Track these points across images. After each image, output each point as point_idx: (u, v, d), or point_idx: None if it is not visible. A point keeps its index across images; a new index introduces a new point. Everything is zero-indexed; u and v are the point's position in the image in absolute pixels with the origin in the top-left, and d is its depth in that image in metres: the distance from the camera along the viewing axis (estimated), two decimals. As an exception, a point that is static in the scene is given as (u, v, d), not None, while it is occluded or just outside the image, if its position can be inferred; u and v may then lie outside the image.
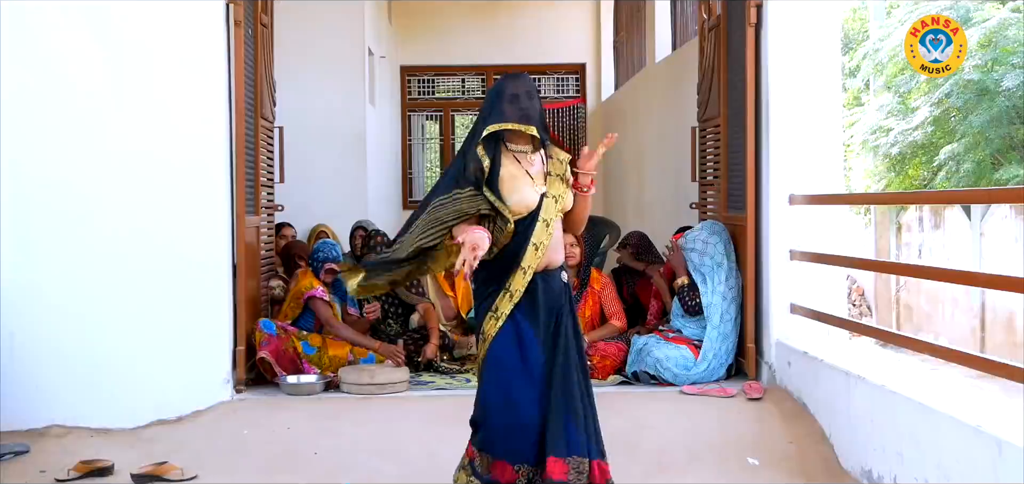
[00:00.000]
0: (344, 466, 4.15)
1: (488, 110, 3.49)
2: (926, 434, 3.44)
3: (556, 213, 3.49)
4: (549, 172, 3.52)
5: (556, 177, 3.53)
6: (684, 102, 7.35)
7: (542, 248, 3.45)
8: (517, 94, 3.45)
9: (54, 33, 4.84)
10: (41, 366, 4.79)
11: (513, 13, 11.96)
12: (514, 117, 3.42)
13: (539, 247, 3.44)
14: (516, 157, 3.48)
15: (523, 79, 3.55)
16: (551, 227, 3.47)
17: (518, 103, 3.44)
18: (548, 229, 3.45)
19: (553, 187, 3.51)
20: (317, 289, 5.57)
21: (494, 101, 3.48)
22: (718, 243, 5.38)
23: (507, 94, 3.46)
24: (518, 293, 3.43)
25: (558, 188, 3.51)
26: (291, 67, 7.53)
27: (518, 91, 3.46)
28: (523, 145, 3.50)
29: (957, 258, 11.27)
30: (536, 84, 3.61)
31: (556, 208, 3.49)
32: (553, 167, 3.55)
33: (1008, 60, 11.08)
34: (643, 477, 4.04)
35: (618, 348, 5.58)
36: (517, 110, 3.43)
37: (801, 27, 5.11)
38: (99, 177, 4.87)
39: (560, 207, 3.50)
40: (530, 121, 3.43)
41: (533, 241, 3.42)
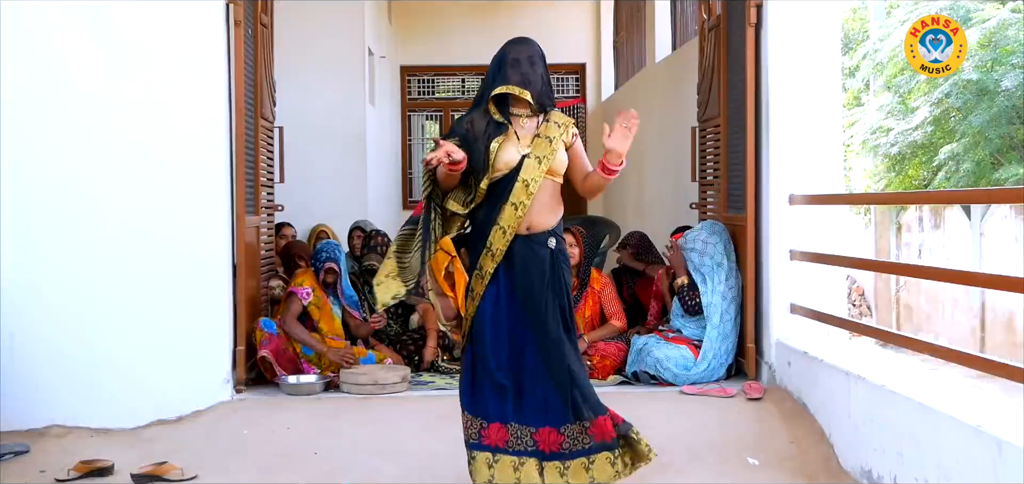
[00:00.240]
0: (344, 466, 4.14)
1: (492, 74, 3.56)
2: (926, 434, 3.44)
3: (538, 174, 3.48)
4: (539, 134, 3.54)
5: (544, 138, 3.53)
6: (684, 102, 7.35)
7: (521, 208, 3.48)
8: (519, 59, 3.53)
9: (54, 33, 4.84)
10: (41, 366, 4.79)
11: (513, 13, 11.95)
12: (514, 81, 3.50)
13: (518, 207, 3.48)
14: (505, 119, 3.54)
15: (527, 44, 3.59)
16: (531, 187, 3.48)
17: (519, 68, 3.51)
18: (527, 189, 3.47)
19: (537, 148, 3.51)
20: (303, 289, 5.54)
21: (498, 65, 3.55)
22: (718, 243, 5.38)
23: (509, 58, 3.53)
24: (499, 252, 3.50)
25: (543, 149, 3.51)
26: (291, 67, 7.54)
27: (520, 56, 3.53)
28: (521, 108, 3.56)
29: (957, 258, 11.27)
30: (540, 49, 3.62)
31: (539, 169, 3.49)
32: (546, 129, 3.56)
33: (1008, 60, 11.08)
34: (643, 477, 4.03)
35: (618, 348, 5.58)
36: (518, 74, 3.51)
37: (801, 27, 5.11)
38: (99, 177, 4.86)
39: (543, 168, 3.49)
40: (529, 86, 3.50)
41: (512, 200, 3.47)
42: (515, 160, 3.49)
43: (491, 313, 3.53)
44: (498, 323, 3.53)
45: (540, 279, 3.51)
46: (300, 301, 5.51)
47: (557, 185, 3.60)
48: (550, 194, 3.55)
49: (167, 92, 4.91)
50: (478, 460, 3.51)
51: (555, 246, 3.55)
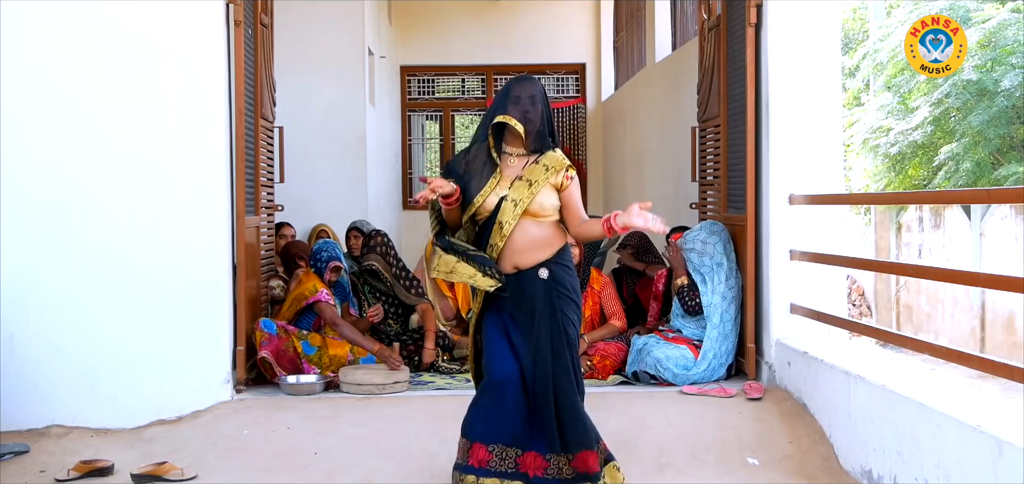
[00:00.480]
0: (344, 466, 4.15)
1: (494, 108, 3.64)
2: (926, 434, 3.44)
3: (512, 218, 3.53)
4: (521, 176, 3.58)
5: (525, 181, 3.57)
6: (684, 102, 7.35)
7: (496, 249, 3.56)
8: (520, 96, 3.60)
9: (54, 33, 4.84)
10: (41, 366, 4.79)
11: (513, 13, 11.96)
12: (513, 115, 3.57)
13: (493, 248, 3.56)
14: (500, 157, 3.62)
15: (530, 82, 3.66)
16: (505, 230, 3.54)
17: (520, 105, 3.58)
18: (501, 232, 3.54)
19: (516, 191, 3.56)
20: (321, 293, 5.56)
21: (500, 100, 3.63)
22: (717, 243, 5.38)
23: (512, 95, 3.61)
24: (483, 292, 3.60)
25: (520, 192, 3.55)
26: (291, 67, 7.54)
27: (522, 93, 3.60)
28: (515, 146, 3.63)
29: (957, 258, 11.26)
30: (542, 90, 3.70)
31: (514, 212, 3.54)
32: (530, 172, 3.59)
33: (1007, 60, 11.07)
34: (643, 477, 4.04)
35: (618, 348, 5.58)
36: (519, 111, 3.58)
37: (801, 27, 5.11)
38: (99, 177, 4.86)
39: (518, 212, 3.54)
40: (527, 123, 3.57)
41: (490, 241, 3.57)
42: (489, 205, 3.58)
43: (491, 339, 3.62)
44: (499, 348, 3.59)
45: (531, 311, 3.56)
46: (330, 304, 5.54)
47: (547, 224, 3.61)
48: (535, 234, 3.59)
49: (167, 92, 4.91)
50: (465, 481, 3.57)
51: (547, 277, 3.59)
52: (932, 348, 4.06)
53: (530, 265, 3.58)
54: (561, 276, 3.62)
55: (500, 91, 3.67)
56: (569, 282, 3.65)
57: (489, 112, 3.66)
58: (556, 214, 3.63)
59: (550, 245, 3.62)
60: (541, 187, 3.56)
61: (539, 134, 3.61)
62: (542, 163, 3.61)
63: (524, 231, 3.56)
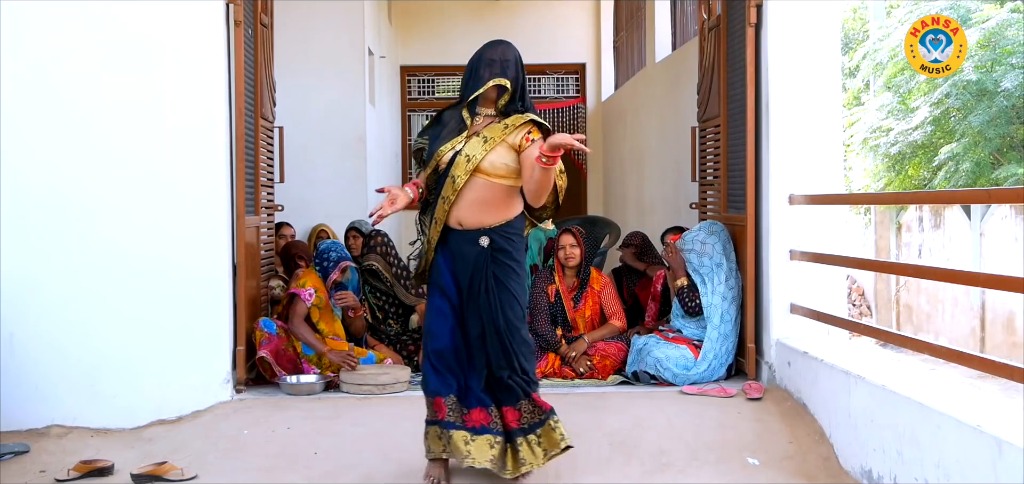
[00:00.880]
0: (344, 466, 4.14)
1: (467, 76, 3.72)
2: (926, 434, 3.44)
3: (463, 171, 3.59)
4: (478, 132, 3.65)
5: (481, 137, 3.63)
6: (684, 102, 7.35)
7: (446, 202, 3.63)
8: (494, 59, 3.67)
9: (54, 32, 4.84)
10: (41, 366, 4.79)
11: (513, 13, 11.96)
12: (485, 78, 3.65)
13: (444, 200, 3.63)
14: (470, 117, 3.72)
15: (504, 45, 3.72)
16: (457, 183, 3.60)
17: (494, 68, 3.65)
18: (453, 185, 3.61)
19: (470, 146, 3.62)
20: (306, 290, 5.54)
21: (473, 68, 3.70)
22: (716, 243, 5.38)
23: (485, 59, 3.68)
24: (432, 240, 3.71)
25: (475, 147, 3.61)
26: (291, 67, 7.54)
27: (495, 56, 3.68)
28: (486, 107, 3.71)
29: (957, 258, 11.26)
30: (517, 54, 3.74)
31: (466, 166, 3.60)
32: (488, 129, 3.66)
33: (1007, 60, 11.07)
34: (643, 477, 4.04)
35: (618, 348, 5.58)
36: (490, 73, 3.65)
37: (801, 27, 5.11)
38: (99, 177, 4.86)
39: (471, 166, 3.59)
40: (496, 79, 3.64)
41: (442, 193, 3.64)
42: (444, 156, 3.65)
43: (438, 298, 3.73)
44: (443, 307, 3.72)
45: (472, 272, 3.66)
46: (304, 303, 5.51)
47: (498, 186, 3.65)
48: (486, 194, 3.64)
49: (167, 92, 4.91)
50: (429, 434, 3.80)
51: (487, 245, 3.65)
52: (932, 348, 4.06)
53: (473, 225, 3.65)
54: (503, 245, 3.68)
55: (473, 58, 3.72)
56: (513, 251, 3.70)
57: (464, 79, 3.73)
58: (511, 178, 3.66)
59: (498, 209, 3.66)
60: (496, 145, 3.61)
61: (509, 104, 3.68)
62: (504, 122, 3.66)
63: (474, 188, 3.62)
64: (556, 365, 5.53)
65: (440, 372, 3.74)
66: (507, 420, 3.74)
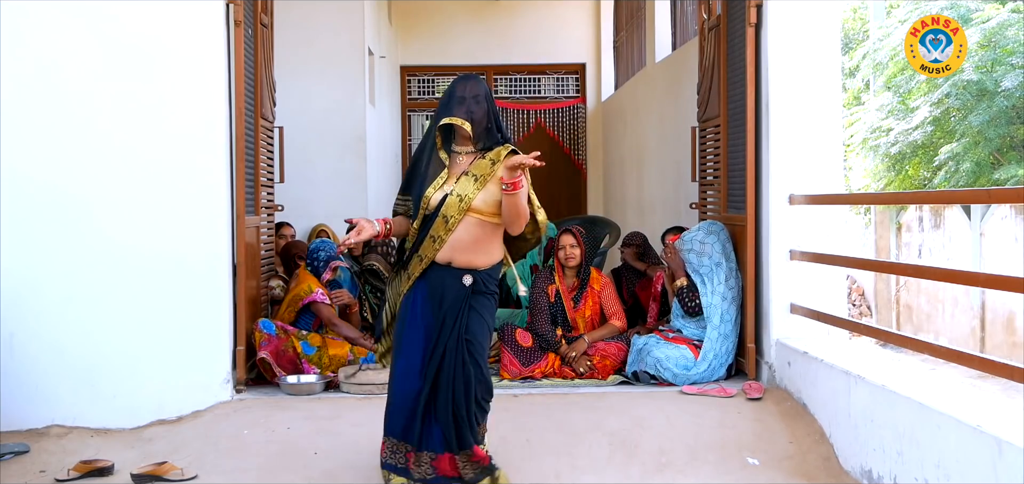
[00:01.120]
0: (344, 466, 4.15)
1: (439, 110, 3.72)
2: (926, 434, 3.44)
3: (457, 211, 3.59)
4: (467, 172, 3.63)
5: (471, 176, 3.62)
6: (684, 102, 7.35)
7: (439, 241, 3.62)
8: (465, 96, 3.66)
9: (54, 32, 4.84)
10: (41, 366, 4.79)
11: (513, 13, 11.96)
12: (458, 115, 3.64)
13: (436, 240, 3.62)
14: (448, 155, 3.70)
15: (474, 81, 3.72)
16: (450, 223, 3.60)
17: (465, 105, 3.65)
18: (446, 225, 3.60)
19: (461, 186, 3.61)
20: (317, 293, 5.56)
21: (445, 102, 3.70)
22: (715, 243, 5.38)
23: (457, 96, 3.67)
24: (413, 275, 3.68)
25: (466, 186, 3.61)
26: (291, 67, 7.54)
27: (466, 93, 3.67)
28: (463, 144, 3.70)
29: (957, 258, 11.26)
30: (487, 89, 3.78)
31: (459, 206, 3.59)
32: (476, 167, 3.64)
33: (1007, 60, 11.07)
34: (643, 477, 4.04)
35: (618, 348, 5.58)
36: (464, 110, 3.64)
37: (801, 27, 5.11)
38: (99, 177, 4.87)
39: (464, 205, 3.59)
40: (473, 123, 3.64)
41: (430, 233, 3.63)
42: (434, 200, 3.63)
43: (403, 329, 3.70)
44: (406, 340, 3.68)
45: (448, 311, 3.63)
46: (326, 303, 5.54)
47: (488, 225, 3.65)
48: (478, 234, 3.64)
49: (167, 92, 4.91)
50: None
51: (470, 285, 3.65)
52: (932, 348, 4.06)
53: (463, 264, 3.64)
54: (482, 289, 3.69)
55: (445, 93, 3.73)
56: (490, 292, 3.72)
57: (435, 116, 3.73)
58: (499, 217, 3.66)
59: (487, 251, 3.68)
60: (487, 182, 3.62)
61: (486, 131, 3.67)
62: (488, 158, 3.66)
63: (468, 228, 3.62)
64: (556, 365, 5.53)
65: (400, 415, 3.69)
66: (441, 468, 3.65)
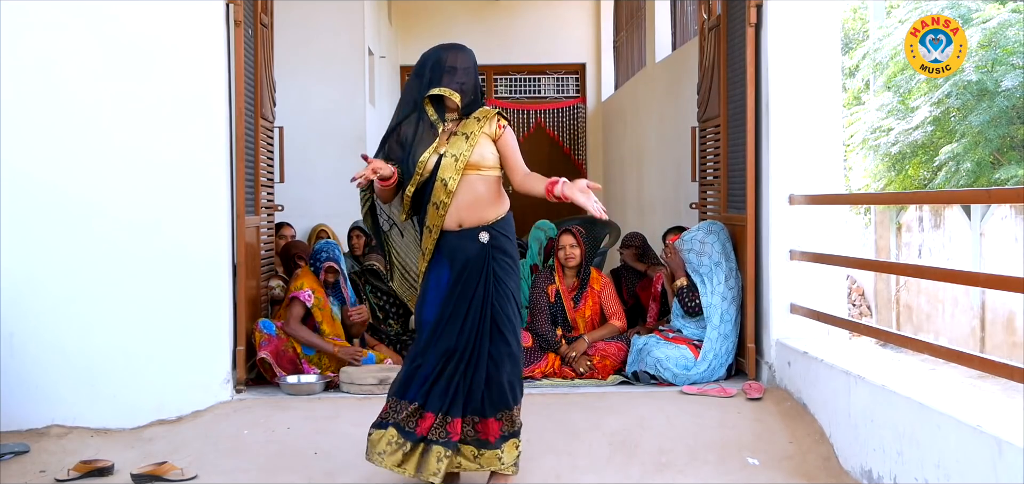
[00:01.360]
0: (344, 466, 4.15)
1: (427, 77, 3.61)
2: (926, 434, 3.44)
3: (455, 172, 3.54)
4: (455, 132, 3.59)
5: (461, 135, 3.58)
6: (684, 102, 7.35)
7: (442, 207, 3.57)
8: (455, 66, 3.60)
9: (54, 32, 4.84)
10: (41, 366, 4.79)
11: (513, 13, 11.97)
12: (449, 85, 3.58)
13: (439, 206, 3.57)
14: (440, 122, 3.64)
15: (464, 52, 3.65)
16: (450, 186, 3.54)
17: (456, 75, 3.59)
18: (446, 188, 3.54)
19: (454, 146, 3.56)
20: (304, 292, 5.53)
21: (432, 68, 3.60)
22: (715, 243, 5.38)
23: (447, 65, 3.60)
24: (428, 251, 3.62)
25: (459, 146, 3.56)
26: (291, 67, 7.55)
27: (457, 64, 3.61)
28: (451, 113, 3.64)
29: (957, 258, 11.26)
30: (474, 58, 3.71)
31: (455, 167, 3.54)
32: (464, 125, 3.61)
33: (1008, 60, 11.06)
34: (643, 477, 4.04)
35: (618, 348, 5.58)
36: (454, 81, 3.58)
37: (801, 27, 5.11)
38: (99, 177, 4.87)
39: (460, 165, 3.54)
40: (462, 94, 3.59)
41: (432, 200, 3.57)
42: (428, 164, 3.57)
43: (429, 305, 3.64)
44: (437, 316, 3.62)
45: (470, 272, 3.58)
46: (302, 304, 5.50)
47: (491, 179, 3.63)
48: (481, 190, 3.60)
49: (167, 92, 4.91)
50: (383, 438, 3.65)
51: (488, 241, 3.60)
52: (932, 348, 4.06)
53: (474, 223, 3.59)
54: (502, 243, 3.63)
55: (429, 59, 3.63)
56: (510, 250, 3.66)
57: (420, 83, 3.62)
58: (498, 168, 3.64)
59: (495, 204, 3.62)
60: (478, 138, 3.58)
61: (471, 103, 3.65)
62: (473, 117, 3.63)
63: (469, 186, 3.57)
64: (556, 365, 5.53)
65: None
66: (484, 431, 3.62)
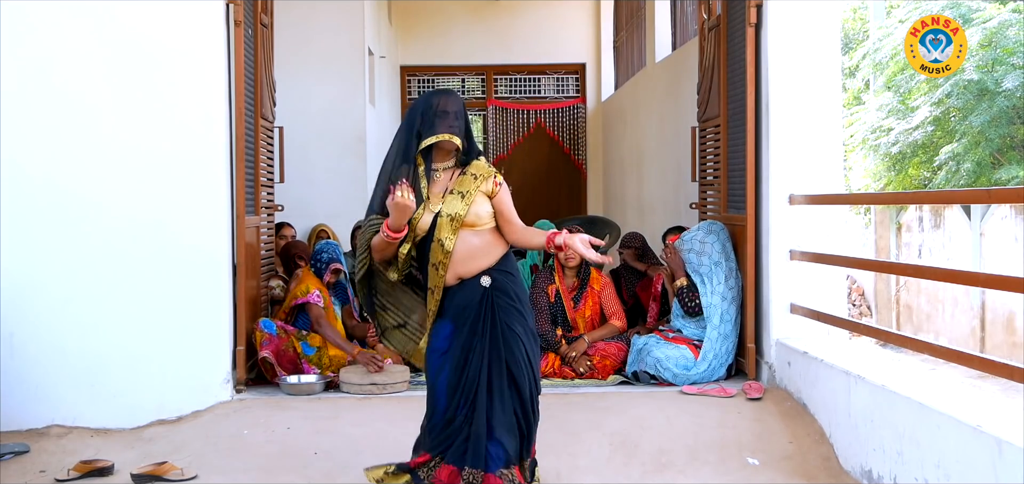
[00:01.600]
0: (344, 466, 4.15)
1: (418, 124, 3.55)
2: (926, 434, 3.44)
3: (451, 232, 3.49)
4: (451, 190, 3.54)
5: (457, 194, 3.53)
6: (684, 102, 7.35)
7: (442, 267, 3.52)
8: (447, 111, 3.53)
9: (54, 32, 4.84)
10: (41, 366, 4.79)
11: (513, 13, 11.96)
12: (446, 131, 3.50)
13: (438, 266, 3.52)
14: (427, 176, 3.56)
15: (454, 97, 3.59)
16: (447, 246, 3.49)
17: (447, 120, 3.51)
18: (443, 249, 3.50)
19: (449, 205, 3.51)
20: (312, 294, 5.55)
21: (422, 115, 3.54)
22: (715, 243, 5.38)
23: (437, 110, 3.53)
24: (432, 312, 3.58)
25: (454, 206, 3.50)
26: (291, 67, 7.54)
27: (449, 108, 3.53)
28: (443, 160, 3.58)
29: (957, 258, 11.26)
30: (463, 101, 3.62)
31: (451, 227, 3.49)
32: (460, 183, 3.55)
33: (1008, 60, 11.06)
34: (643, 477, 4.04)
35: (618, 348, 5.58)
36: (446, 125, 3.51)
37: (801, 27, 5.11)
38: (99, 176, 4.87)
39: (456, 226, 3.50)
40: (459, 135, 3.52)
41: (431, 261, 3.53)
42: (428, 222, 3.52)
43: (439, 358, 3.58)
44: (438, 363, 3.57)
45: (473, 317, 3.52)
46: (318, 306, 5.52)
47: (485, 233, 3.57)
48: (477, 243, 3.54)
49: (167, 92, 4.91)
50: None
51: (490, 284, 3.54)
52: (932, 348, 4.06)
53: (473, 273, 3.54)
54: (504, 283, 3.57)
55: (419, 107, 3.58)
56: (514, 290, 3.59)
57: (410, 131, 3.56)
58: (492, 222, 3.60)
59: (491, 252, 3.58)
60: (474, 197, 3.53)
61: (467, 149, 3.58)
62: (470, 173, 3.57)
63: (465, 243, 3.52)
64: (556, 365, 5.53)
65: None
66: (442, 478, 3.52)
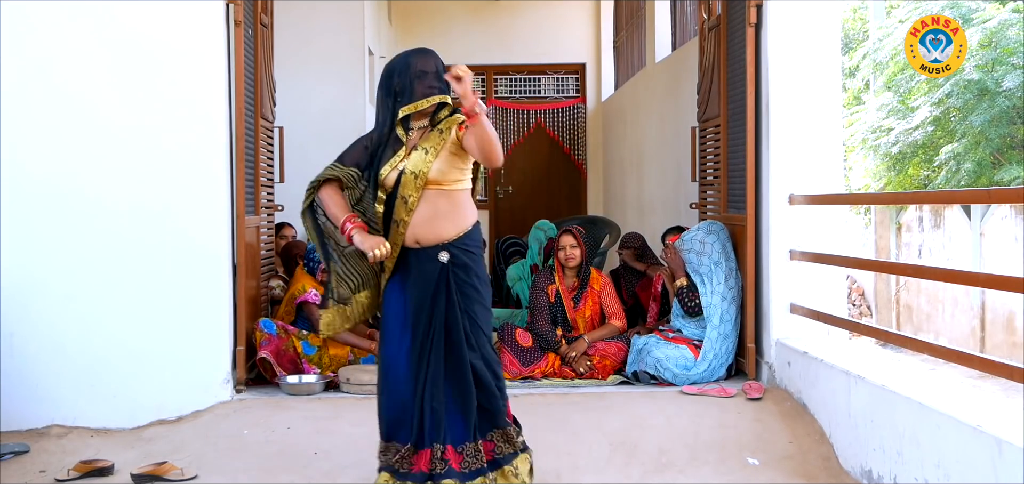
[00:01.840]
0: (344, 466, 4.15)
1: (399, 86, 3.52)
2: (926, 434, 3.44)
3: (414, 189, 3.44)
4: (416, 146, 3.49)
5: (421, 149, 3.47)
6: (684, 102, 7.35)
7: (403, 224, 3.47)
8: (426, 71, 3.50)
9: (54, 32, 4.84)
10: (41, 366, 4.79)
11: (513, 13, 11.96)
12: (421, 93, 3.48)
13: (399, 224, 3.47)
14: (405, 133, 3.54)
15: (430, 56, 3.56)
16: (410, 203, 3.44)
17: (425, 80, 3.49)
18: (406, 205, 3.44)
19: (413, 162, 3.45)
20: (309, 293, 5.55)
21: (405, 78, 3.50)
22: (715, 243, 5.38)
23: (416, 70, 3.50)
24: (389, 269, 3.53)
25: (418, 162, 3.44)
26: (291, 67, 7.55)
27: (427, 69, 3.51)
28: (420, 120, 3.55)
29: (957, 258, 11.26)
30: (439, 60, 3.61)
31: (415, 184, 3.43)
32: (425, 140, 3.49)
33: (1008, 60, 11.06)
34: (643, 477, 4.04)
35: (618, 348, 5.58)
36: (424, 86, 3.48)
37: (801, 27, 5.11)
38: (99, 176, 4.87)
39: (420, 182, 3.44)
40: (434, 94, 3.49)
41: (394, 217, 3.48)
42: (393, 178, 3.48)
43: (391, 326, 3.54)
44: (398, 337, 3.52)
45: (429, 294, 3.46)
46: (315, 304, 5.53)
47: (454, 193, 3.51)
48: (442, 205, 3.48)
49: (167, 92, 4.91)
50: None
51: (447, 260, 3.47)
52: (932, 348, 4.06)
53: (432, 241, 3.47)
54: (464, 260, 3.50)
55: (397, 67, 3.53)
56: (474, 267, 3.52)
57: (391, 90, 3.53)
58: (462, 181, 3.53)
59: (456, 219, 3.50)
60: (439, 153, 3.46)
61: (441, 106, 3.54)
62: (437, 128, 3.52)
63: (430, 203, 3.46)
64: (556, 365, 5.53)
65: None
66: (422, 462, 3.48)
